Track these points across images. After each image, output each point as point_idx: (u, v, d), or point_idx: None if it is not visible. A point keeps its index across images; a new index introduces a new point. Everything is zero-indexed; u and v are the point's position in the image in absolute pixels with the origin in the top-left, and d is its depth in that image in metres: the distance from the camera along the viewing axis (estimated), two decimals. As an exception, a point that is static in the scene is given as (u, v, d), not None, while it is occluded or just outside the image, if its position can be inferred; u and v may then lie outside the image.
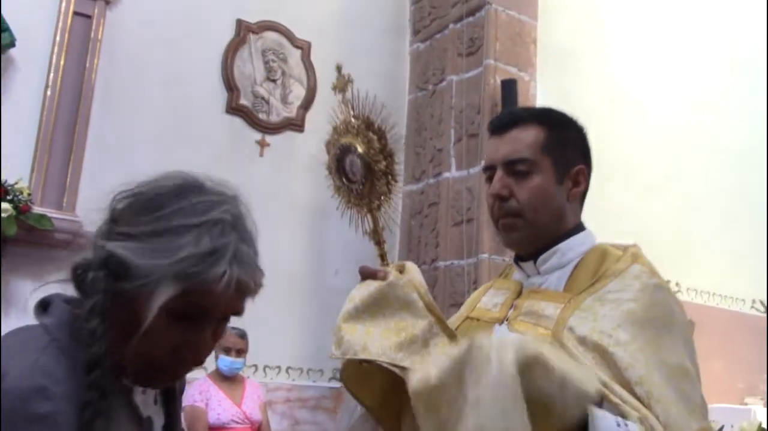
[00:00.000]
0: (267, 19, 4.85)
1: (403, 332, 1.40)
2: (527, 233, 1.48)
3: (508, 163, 1.48)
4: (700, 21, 6.29)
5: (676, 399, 1.25)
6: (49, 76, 4.03)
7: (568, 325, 1.35)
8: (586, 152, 1.55)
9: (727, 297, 6.02)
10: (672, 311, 1.38)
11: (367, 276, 1.44)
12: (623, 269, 1.42)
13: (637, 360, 1.27)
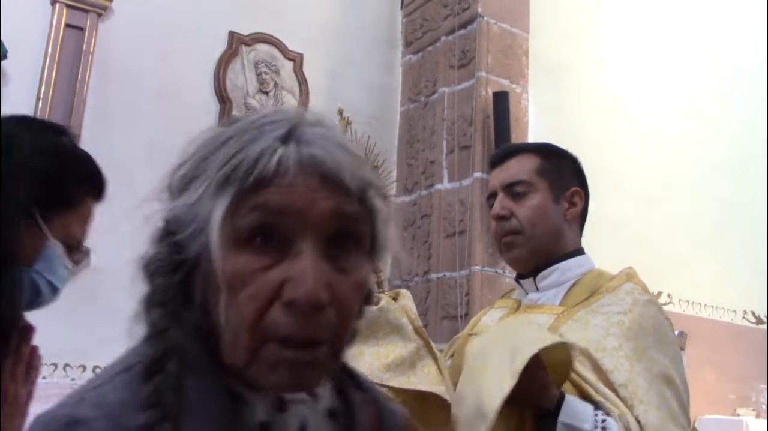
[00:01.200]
0: (259, 32, 4.86)
1: (392, 353, 1.49)
2: (527, 248, 1.59)
3: (507, 186, 1.63)
4: (691, 33, 6.34)
5: (658, 403, 1.33)
6: (40, 89, 4.02)
7: (559, 332, 1.44)
8: (581, 178, 1.69)
9: (718, 308, 6.03)
10: (661, 325, 1.48)
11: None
12: (617, 285, 1.53)
13: (622, 365, 1.36)
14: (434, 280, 4.50)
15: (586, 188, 1.68)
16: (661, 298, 5.67)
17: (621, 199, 5.56)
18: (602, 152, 5.56)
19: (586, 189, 1.68)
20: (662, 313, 1.51)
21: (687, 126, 6.08)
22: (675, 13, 6.28)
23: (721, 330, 5.90)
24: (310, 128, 0.76)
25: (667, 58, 6.16)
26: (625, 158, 5.69)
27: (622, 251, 5.17)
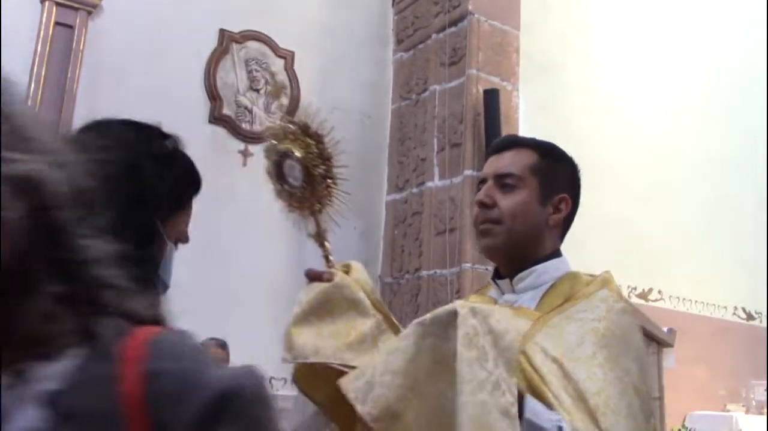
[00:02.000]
0: (250, 29, 4.85)
1: (353, 331, 1.44)
2: (502, 240, 1.57)
3: (498, 176, 1.60)
4: (682, 30, 6.36)
5: (627, 414, 1.33)
6: (30, 87, 4.01)
7: (534, 340, 1.41)
8: (575, 186, 1.66)
9: (709, 304, 6.06)
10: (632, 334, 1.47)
11: (314, 278, 1.48)
12: (592, 292, 1.51)
13: (595, 374, 1.35)
14: (425, 277, 4.51)
15: (576, 198, 1.66)
16: (651, 295, 5.70)
17: (612, 196, 5.58)
18: (593, 150, 5.56)
19: (576, 198, 1.66)
20: (635, 321, 1.50)
21: (678, 124, 6.11)
22: (666, 12, 6.30)
23: (711, 327, 5.93)
24: None
25: (659, 57, 6.18)
26: (616, 156, 5.70)
27: (613, 248, 5.20)
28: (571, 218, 1.66)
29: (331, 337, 1.42)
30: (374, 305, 1.49)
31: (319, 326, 1.43)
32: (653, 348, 3.96)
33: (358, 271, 1.54)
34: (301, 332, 1.42)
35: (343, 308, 1.45)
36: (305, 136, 1.46)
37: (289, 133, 1.47)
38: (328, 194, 1.51)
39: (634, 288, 5.59)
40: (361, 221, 4.99)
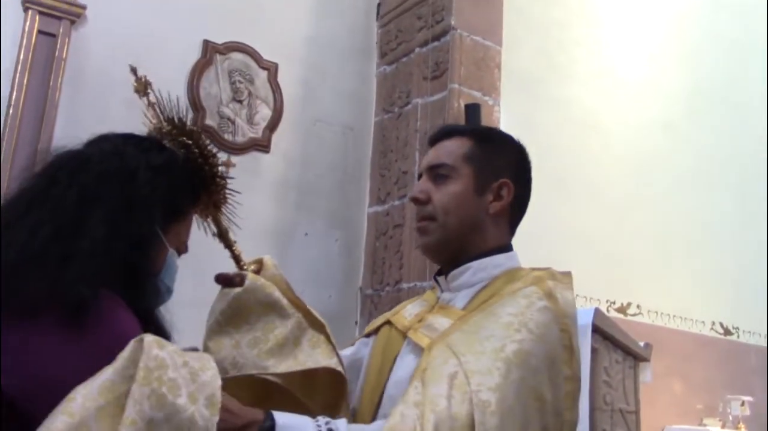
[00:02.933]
0: (234, 40, 4.86)
1: (271, 335, 1.36)
2: (437, 237, 1.47)
3: (431, 168, 1.51)
4: (662, 48, 6.44)
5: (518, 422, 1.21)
6: (12, 94, 3.99)
7: (446, 339, 1.33)
8: (519, 170, 1.54)
9: (687, 319, 6.11)
10: (549, 334, 1.33)
11: (225, 283, 1.43)
12: (517, 289, 1.40)
13: (498, 368, 1.23)
14: (405, 289, 4.52)
15: (523, 181, 1.53)
16: (630, 309, 5.74)
17: (592, 210, 5.63)
18: (574, 165, 5.63)
19: (523, 182, 1.53)
20: (557, 324, 1.34)
21: (657, 140, 6.18)
22: (646, 29, 6.39)
23: (689, 341, 5.98)
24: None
25: (639, 73, 6.26)
26: (596, 171, 5.76)
27: (593, 261, 5.25)
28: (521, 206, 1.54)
29: (249, 346, 1.34)
30: (292, 303, 1.41)
31: (236, 335, 1.36)
32: (630, 362, 4.00)
33: (270, 267, 1.46)
34: (218, 345, 1.36)
35: (259, 313, 1.37)
36: (182, 135, 1.40)
37: (165, 133, 1.40)
38: (220, 192, 1.46)
39: (612, 302, 5.63)
40: (342, 233, 5.00)
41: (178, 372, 1.01)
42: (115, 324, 1.08)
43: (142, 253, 1.19)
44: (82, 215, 1.14)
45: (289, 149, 4.93)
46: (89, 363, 1.01)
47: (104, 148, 1.26)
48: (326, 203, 4.99)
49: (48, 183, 1.18)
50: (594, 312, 3.84)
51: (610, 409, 3.89)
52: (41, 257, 1.07)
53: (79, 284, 1.04)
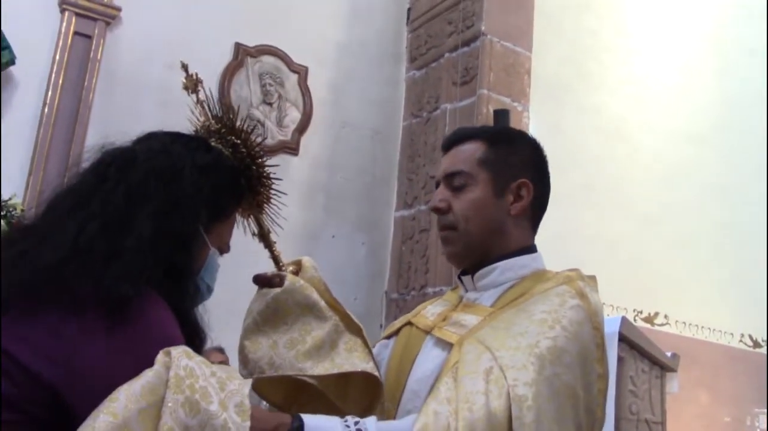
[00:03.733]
0: (265, 44, 4.91)
1: (308, 337, 1.36)
2: (461, 245, 1.47)
3: (448, 176, 1.49)
4: (693, 57, 6.39)
5: (553, 418, 1.21)
6: (47, 95, 4.07)
7: (476, 334, 1.33)
8: (537, 167, 1.53)
9: (715, 331, 6.04)
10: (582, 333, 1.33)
11: (263, 284, 1.42)
12: (549, 288, 1.39)
13: (532, 363, 1.23)
14: (430, 294, 4.52)
15: (541, 179, 1.52)
16: (657, 319, 5.69)
17: (620, 218, 5.59)
18: (602, 172, 5.60)
19: (541, 180, 1.52)
20: (588, 321, 1.34)
21: (686, 148, 6.12)
22: (677, 39, 6.34)
23: (717, 353, 5.90)
24: None
25: (669, 83, 6.20)
26: (624, 179, 5.72)
27: (620, 270, 5.20)
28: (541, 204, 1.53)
29: (287, 347, 1.35)
30: (330, 306, 1.41)
31: (273, 336, 1.36)
32: (656, 371, 3.96)
33: (309, 269, 1.46)
34: (255, 345, 1.37)
35: (297, 314, 1.37)
36: (231, 134, 1.39)
37: (214, 131, 1.40)
38: (264, 193, 1.44)
39: (639, 312, 5.58)
40: (369, 237, 5.02)
41: (207, 381, 1.03)
42: (154, 323, 1.10)
43: (185, 251, 1.20)
44: (129, 212, 1.16)
45: (318, 152, 4.96)
46: (129, 359, 1.04)
47: (152, 146, 1.27)
48: (353, 206, 5.01)
49: (97, 180, 1.20)
50: (621, 321, 3.81)
51: (636, 419, 3.86)
52: (88, 253, 1.09)
53: (123, 282, 1.06)
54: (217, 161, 1.31)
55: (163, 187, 1.20)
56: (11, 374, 1.01)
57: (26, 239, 1.14)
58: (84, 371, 1.02)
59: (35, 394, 1.01)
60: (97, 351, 1.04)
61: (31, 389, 1.01)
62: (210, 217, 1.27)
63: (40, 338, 1.03)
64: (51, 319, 1.04)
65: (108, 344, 1.05)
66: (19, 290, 1.05)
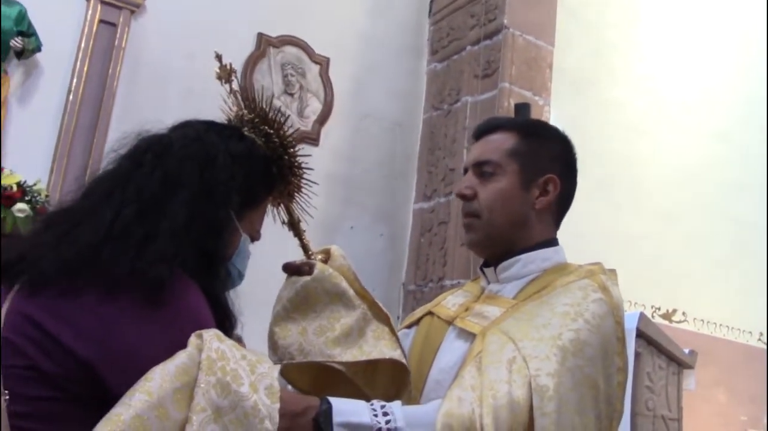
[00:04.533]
0: (288, 34, 4.93)
1: (337, 324, 1.38)
2: (483, 234, 1.48)
3: (476, 164, 1.51)
4: (718, 54, 6.33)
5: (574, 409, 1.23)
6: (72, 81, 4.12)
7: (499, 325, 1.35)
8: (565, 164, 1.54)
9: (734, 329, 6.01)
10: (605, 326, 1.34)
11: (293, 272, 1.44)
12: (571, 281, 1.41)
13: (555, 355, 1.25)
14: (448, 286, 4.54)
15: (569, 175, 1.52)
16: (675, 316, 5.67)
17: (639, 215, 5.57)
18: (622, 168, 5.57)
19: (569, 176, 1.52)
20: (610, 315, 1.36)
21: (707, 145, 6.08)
22: (702, 34, 6.28)
23: (735, 351, 5.88)
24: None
25: (692, 79, 6.16)
26: (645, 175, 5.70)
27: (638, 266, 5.19)
28: (567, 200, 1.54)
29: (316, 334, 1.37)
30: (358, 294, 1.43)
31: (302, 323, 1.39)
32: (673, 368, 3.95)
33: (338, 258, 1.47)
34: (284, 331, 1.40)
35: (326, 302, 1.40)
36: (264, 124, 1.40)
37: (247, 121, 1.41)
38: (296, 182, 1.46)
39: (657, 308, 5.57)
40: (387, 228, 5.04)
41: (238, 364, 1.05)
42: (187, 306, 1.13)
43: (218, 237, 1.23)
44: (164, 197, 1.19)
45: (338, 143, 4.98)
46: (163, 340, 1.07)
47: (188, 133, 1.30)
48: (373, 197, 5.02)
49: (133, 165, 1.23)
50: (639, 317, 3.80)
51: (652, 415, 3.85)
52: (125, 237, 1.12)
53: (158, 265, 1.10)
54: (250, 149, 1.34)
55: (197, 173, 1.23)
56: (51, 352, 1.04)
57: (66, 222, 1.17)
58: (119, 351, 1.05)
59: (73, 372, 1.04)
60: (132, 332, 1.07)
61: (69, 367, 1.04)
62: (242, 204, 1.30)
63: (79, 317, 1.06)
64: (89, 299, 1.07)
65: (143, 325, 1.08)
66: (60, 269, 1.09)
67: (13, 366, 1.05)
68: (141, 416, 0.96)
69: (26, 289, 1.11)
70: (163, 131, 1.31)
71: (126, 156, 1.26)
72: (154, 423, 0.97)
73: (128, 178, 1.21)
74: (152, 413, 0.97)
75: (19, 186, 3.75)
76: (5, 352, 1.06)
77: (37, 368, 1.04)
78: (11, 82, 4.01)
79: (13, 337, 1.07)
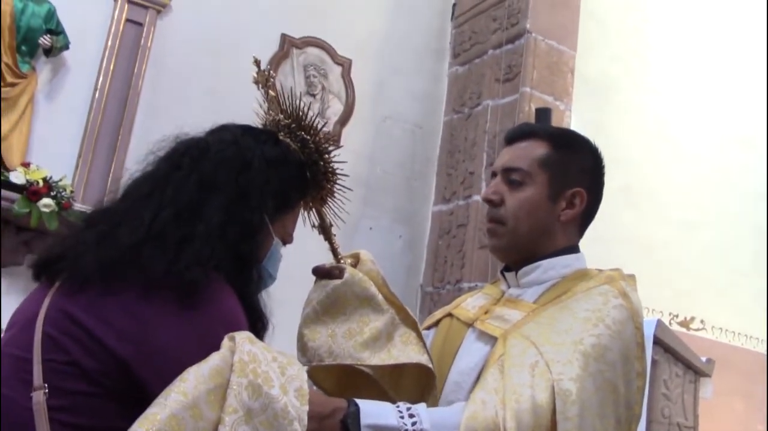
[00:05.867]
0: (311, 35, 4.96)
1: (366, 328, 1.40)
2: (507, 241, 1.49)
3: (506, 171, 1.51)
4: (741, 59, 6.29)
5: (596, 413, 1.25)
6: (98, 80, 4.18)
7: (520, 329, 1.37)
8: (593, 178, 1.54)
9: (752, 338, 5.97)
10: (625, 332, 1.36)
11: (323, 276, 1.46)
12: (591, 287, 1.42)
13: (577, 359, 1.27)
14: (465, 289, 4.55)
15: (596, 189, 1.52)
16: (693, 323, 5.64)
17: (660, 221, 5.55)
18: (643, 174, 5.56)
19: (596, 190, 1.52)
20: (630, 320, 1.38)
21: (730, 153, 6.04)
22: (726, 40, 6.25)
23: (753, 360, 5.83)
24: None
25: (715, 85, 6.12)
26: (666, 182, 5.67)
27: (657, 273, 5.17)
28: (591, 212, 1.54)
29: (345, 337, 1.39)
30: (387, 299, 1.45)
31: (332, 325, 1.41)
32: (690, 376, 3.94)
33: (367, 262, 1.50)
34: (313, 333, 1.42)
35: (355, 305, 1.42)
36: (299, 129, 1.42)
37: (284, 126, 1.43)
38: (329, 187, 1.47)
39: (675, 316, 5.54)
40: (406, 230, 5.06)
41: (269, 366, 1.08)
42: (221, 307, 1.16)
43: (251, 240, 1.26)
44: (201, 200, 1.22)
45: (359, 144, 5.00)
46: (197, 341, 1.10)
47: (224, 137, 1.32)
48: (392, 199, 5.05)
49: (171, 168, 1.26)
50: (656, 323, 3.80)
51: (668, 423, 3.85)
52: (162, 238, 1.15)
53: (194, 267, 1.13)
54: (285, 154, 1.37)
55: (233, 177, 1.26)
56: (91, 350, 1.08)
57: (106, 222, 1.21)
58: (155, 350, 1.09)
59: (111, 369, 1.08)
60: (168, 332, 1.10)
61: (108, 364, 1.08)
62: (276, 208, 1.32)
63: (117, 317, 1.10)
64: (128, 299, 1.11)
65: (178, 326, 1.11)
66: (100, 269, 1.12)
67: (53, 361, 1.09)
68: (176, 416, 1.00)
69: (67, 287, 1.14)
70: (201, 135, 1.34)
71: (164, 158, 1.30)
72: (189, 422, 1.00)
73: (166, 180, 1.24)
74: (187, 413, 1.01)
75: (45, 182, 3.81)
76: (45, 346, 1.10)
77: (77, 364, 1.08)
78: (39, 79, 4.07)
79: (54, 333, 1.11)
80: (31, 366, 1.08)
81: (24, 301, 1.21)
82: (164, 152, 1.31)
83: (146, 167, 1.30)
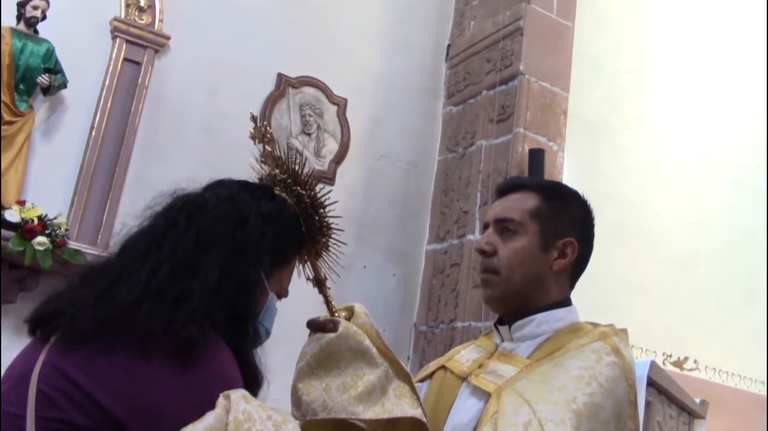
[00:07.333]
0: (307, 75, 5.01)
1: (360, 382, 1.40)
2: (501, 290, 1.52)
3: (498, 221, 1.54)
4: (728, 101, 6.38)
5: None
6: (95, 118, 4.20)
7: (514, 385, 1.38)
8: (584, 228, 1.57)
9: (745, 378, 5.96)
10: (617, 390, 1.38)
11: (317, 329, 1.46)
12: (585, 343, 1.44)
13: (569, 419, 1.28)
14: (459, 328, 4.55)
15: (586, 240, 1.56)
16: (687, 363, 5.64)
17: (652, 260, 5.57)
18: (636, 213, 5.59)
19: (586, 240, 1.56)
20: (623, 378, 1.40)
21: (720, 192, 6.09)
22: (715, 81, 6.34)
23: (747, 401, 5.82)
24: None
25: (705, 126, 6.20)
26: (658, 221, 5.71)
27: (650, 313, 5.18)
28: (582, 262, 1.57)
29: (339, 391, 1.39)
30: (380, 352, 1.46)
31: (326, 379, 1.41)
32: (684, 418, 3.93)
33: (361, 315, 1.49)
34: (308, 387, 1.41)
35: (349, 359, 1.42)
36: (296, 184, 1.43)
37: (280, 181, 1.44)
38: (324, 241, 1.48)
39: (669, 356, 5.54)
40: (400, 268, 5.07)
41: (264, 425, 1.09)
42: (217, 366, 1.17)
43: (247, 296, 1.27)
44: (198, 256, 1.22)
45: (353, 182, 5.03)
46: (192, 400, 1.11)
47: (221, 193, 1.34)
48: (386, 237, 5.06)
49: (168, 224, 1.27)
50: (650, 365, 3.79)
51: (662, 465, 3.82)
52: (160, 296, 1.16)
53: (190, 325, 1.14)
54: (281, 209, 1.38)
55: (229, 233, 1.27)
56: (85, 408, 1.08)
57: (103, 279, 1.22)
58: (149, 411, 1.09)
59: (105, 428, 1.08)
60: (162, 392, 1.11)
61: (101, 422, 1.08)
62: (272, 263, 1.33)
63: (112, 376, 1.10)
64: (123, 357, 1.11)
65: (173, 385, 1.12)
66: (96, 327, 1.13)
67: (46, 418, 1.09)
68: None
69: (62, 344, 1.15)
70: (198, 190, 1.35)
71: (161, 214, 1.30)
72: None
73: (163, 237, 1.25)
74: None
75: (40, 220, 3.82)
76: (39, 403, 1.10)
77: (71, 422, 1.08)
78: (36, 118, 4.10)
79: (48, 390, 1.11)
80: (25, 422, 1.08)
81: (18, 356, 1.21)
82: (161, 207, 1.32)
83: (143, 222, 1.30)
